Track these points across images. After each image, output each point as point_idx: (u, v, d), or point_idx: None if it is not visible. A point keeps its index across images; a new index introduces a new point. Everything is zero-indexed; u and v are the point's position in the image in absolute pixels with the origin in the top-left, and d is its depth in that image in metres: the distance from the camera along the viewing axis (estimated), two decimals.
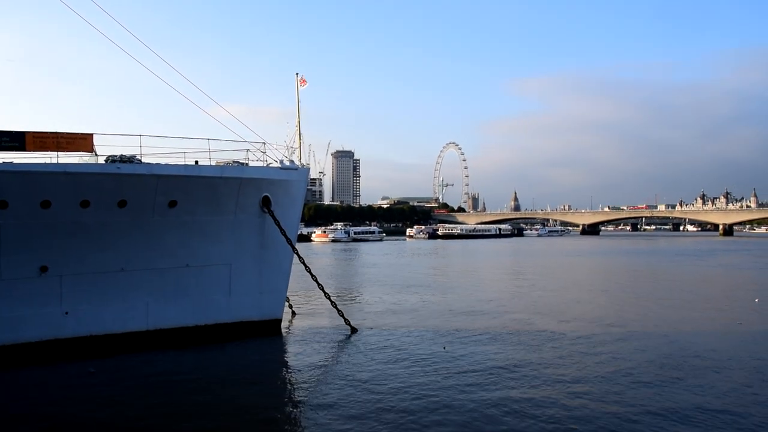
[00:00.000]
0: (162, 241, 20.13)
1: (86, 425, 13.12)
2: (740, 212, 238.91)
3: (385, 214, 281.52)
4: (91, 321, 19.41)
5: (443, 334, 22.51)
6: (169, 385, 16.08)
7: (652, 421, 12.79)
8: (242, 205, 21.41)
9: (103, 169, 18.49)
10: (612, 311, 28.83)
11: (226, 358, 19.32)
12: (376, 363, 18.05)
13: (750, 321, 25.70)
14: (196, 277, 21.19)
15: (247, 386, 16.08)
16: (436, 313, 28.30)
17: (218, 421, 13.20)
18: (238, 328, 22.04)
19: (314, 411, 13.76)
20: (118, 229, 19.14)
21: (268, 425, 13.18)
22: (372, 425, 12.66)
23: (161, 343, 20.22)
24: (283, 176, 22.50)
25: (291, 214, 23.42)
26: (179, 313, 20.96)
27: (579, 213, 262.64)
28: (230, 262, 21.83)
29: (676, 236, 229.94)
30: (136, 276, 20.01)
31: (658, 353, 19.26)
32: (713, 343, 21.07)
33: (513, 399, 14.42)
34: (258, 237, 22.34)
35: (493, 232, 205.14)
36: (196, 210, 20.40)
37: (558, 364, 18.00)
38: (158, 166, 19.41)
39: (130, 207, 18.99)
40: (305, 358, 19.06)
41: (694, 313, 28.44)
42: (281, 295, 23.85)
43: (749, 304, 31.24)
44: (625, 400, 14.33)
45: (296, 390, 15.86)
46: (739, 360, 18.33)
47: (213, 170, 20.64)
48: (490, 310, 29.32)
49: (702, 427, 12.50)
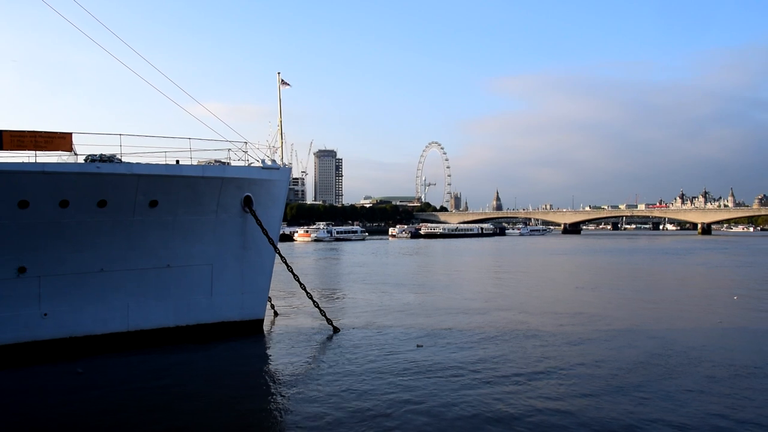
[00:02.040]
0: (143, 242, 19.96)
1: (78, 425, 13.08)
2: (718, 211, 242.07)
3: (367, 213, 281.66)
4: (70, 322, 19.20)
5: (424, 333, 22.56)
6: (155, 385, 15.97)
7: (633, 420, 12.92)
8: (224, 205, 21.31)
9: (83, 169, 18.29)
10: (594, 310, 29.06)
11: (207, 359, 19.19)
12: (357, 362, 18.05)
13: (730, 319, 26.05)
14: (178, 278, 21.05)
15: (228, 386, 15.99)
16: (418, 312, 28.35)
17: (200, 420, 13.16)
18: (220, 328, 21.93)
19: (295, 411, 13.74)
20: (97, 229, 18.95)
21: (248, 425, 13.15)
22: (351, 424, 12.68)
23: (142, 344, 20.07)
24: (265, 176, 22.41)
25: (273, 213, 23.34)
26: (160, 314, 20.81)
27: (560, 212, 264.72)
28: (212, 262, 21.71)
29: (656, 235, 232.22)
30: (116, 277, 19.83)
31: (640, 352, 19.43)
32: (695, 341, 21.28)
33: (487, 396, 14.54)
34: (240, 237, 22.24)
35: (476, 231, 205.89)
36: (177, 210, 20.27)
37: (536, 362, 18.14)
38: (138, 165, 19.24)
39: (110, 207, 18.82)
40: (287, 358, 19.01)
41: (675, 311, 28.73)
42: (263, 295, 23.76)
43: (729, 302, 31.69)
44: (606, 398, 14.47)
45: (277, 390, 15.80)
46: (721, 358, 18.55)
47: (194, 170, 20.51)
48: (472, 308, 29.41)
49: (683, 426, 12.62)
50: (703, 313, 27.81)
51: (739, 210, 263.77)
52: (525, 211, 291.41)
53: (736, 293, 35.19)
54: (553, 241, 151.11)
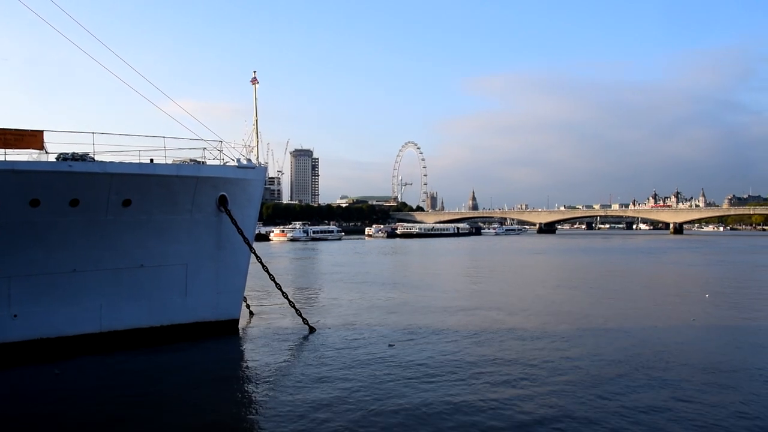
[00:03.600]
0: (116, 241, 19.71)
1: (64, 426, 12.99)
2: (689, 211, 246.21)
3: (344, 213, 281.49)
4: (41, 324, 18.87)
5: (398, 333, 22.61)
6: (129, 386, 15.77)
7: (606, 418, 13.06)
8: (198, 205, 21.14)
9: (54, 167, 18.00)
10: (569, 308, 29.35)
11: (182, 359, 19.02)
12: (332, 362, 18.02)
13: (703, 317, 26.48)
14: (152, 278, 20.83)
15: (202, 387, 15.89)
16: (394, 311, 28.38)
17: (174, 421, 13.07)
18: (195, 328, 21.75)
19: (269, 411, 13.69)
20: (70, 228, 18.67)
21: (222, 426, 13.07)
22: (325, 424, 12.68)
23: (115, 345, 19.82)
24: (241, 175, 22.28)
25: (248, 213, 23.22)
26: (134, 315, 20.57)
27: (536, 212, 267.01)
28: (186, 262, 21.53)
29: (630, 235, 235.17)
30: (88, 277, 19.54)
31: (618, 350, 19.58)
32: (671, 339, 21.56)
33: (458, 395, 14.63)
34: (215, 237, 22.08)
35: (452, 231, 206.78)
36: (151, 209, 20.06)
37: (508, 361, 18.25)
38: (112, 164, 18.99)
39: (83, 206, 18.55)
40: (262, 358, 18.93)
41: (650, 309, 29.06)
42: (238, 295, 23.63)
43: (701, 300, 32.24)
44: (583, 394, 14.61)
45: (252, 390, 15.72)
46: (699, 356, 18.83)
47: (168, 169, 20.32)
48: (448, 307, 29.52)
49: (657, 425, 12.79)
50: (677, 312, 28.20)
51: (710, 210, 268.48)
52: (501, 210, 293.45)
53: (708, 291, 35.80)
54: (529, 241, 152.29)
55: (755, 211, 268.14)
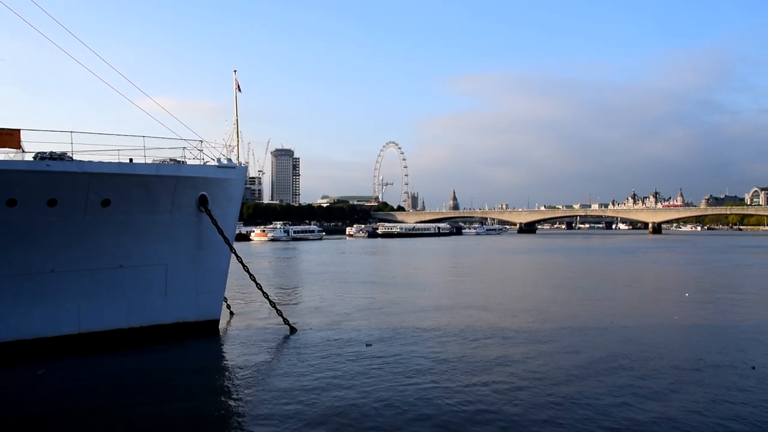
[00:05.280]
0: (95, 241, 19.54)
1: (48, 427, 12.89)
2: (668, 211, 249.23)
3: (324, 213, 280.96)
4: (18, 325, 18.61)
5: (377, 332, 22.67)
6: (108, 387, 15.70)
7: (587, 416, 13.20)
8: (178, 204, 21.02)
9: (32, 167, 17.79)
10: (552, 308, 29.54)
11: (162, 360, 18.88)
12: (312, 362, 18.02)
13: (685, 316, 26.81)
14: (131, 278, 20.67)
15: (182, 388, 15.79)
16: (374, 310, 28.45)
17: (154, 423, 13.01)
18: (175, 329, 21.62)
19: (249, 411, 13.68)
20: (47, 228, 18.48)
21: (202, 426, 13.04)
22: (305, 424, 12.69)
23: (94, 346, 19.63)
24: (221, 175, 22.19)
25: (229, 213, 23.14)
26: (113, 315, 20.40)
27: (516, 212, 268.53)
28: (166, 262, 21.39)
29: (609, 234, 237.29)
30: (67, 277, 19.34)
31: (603, 349, 19.65)
32: (657, 337, 21.78)
33: (431, 392, 14.76)
34: (195, 236, 21.97)
35: (432, 230, 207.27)
36: (130, 209, 19.91)
37: (487, 360, 18.37)
38: (90, 163, 18.82)
39: (61, 206, 18.37)
40: (242, 359, 18.87)
41: (632, 308, 29.31)
42: (219, 295, 23.54)
43: (681, 299, 32.69)
44: (559, 394, 14.75)
45: (232, 390, 15.68)
46: (686, 354, 19.01)
47: (148, 168, 20.19)
48: (428, 306, 29.63)
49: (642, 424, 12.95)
50: (659, 310, 28.50)
51: (688, 210, 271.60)
52: (481, 210, 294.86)
53: (687, 290, 36.33)
54: (509, 241, 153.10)
55: (732, 211, 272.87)
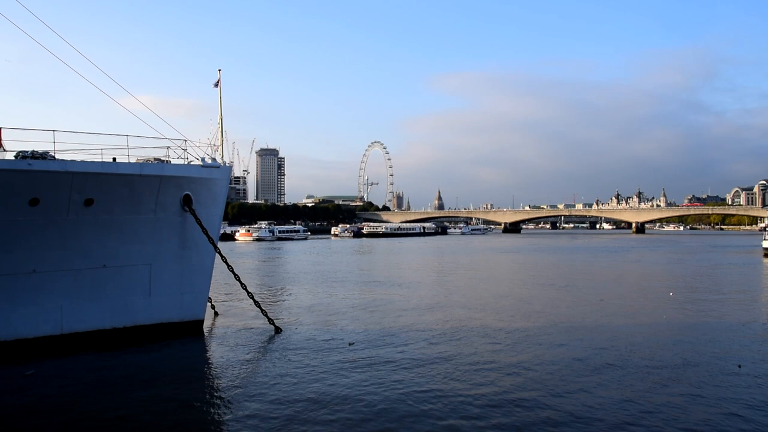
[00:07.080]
0: (78, 241, 19.38)
1: None
2: (651, 211, 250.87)
3: (310, 212, 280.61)
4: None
5: (361, 331, 22.71)
6: (91, 390, 15.58)
7: (572, 413, 13.29)
8: (162, 204, 20.90)
9: (13, 166, 17.61)
10: (538, 307, 29.71)
11: (146, 361, 18.75)
12: (297, 362, 18.03)
13: (672, 315, 27.05)
14: (114, 278, 20.53)
15: (166, 389, 15.67)
16: (359, 310, 28.47)
17: (139, 423, 12.93)
18: (159, 329, 21.51)
19: (233, 411, 13.65)
20: (29, 228, 18.31)
21: (186, 427, 12.97)
22: (289, 423, 12.71)
23: (77, 347, 19.47)
24: (205, 174, 22.09)
25: (213, 212, 23.03)
26: (96, 316, 20.25)
27: (501, 212, 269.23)
28: (150, 262, 21.26)
29: (594, 234, 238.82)
30: (49, 277, 19.16)
31: (592, 348, 19.74)
32: (642, 335, 22.01)
33: (410, 389, 14.87)
34: (179, 236, 21.85)
35: (418, 230, 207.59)
36: (113, 209, 19.77)
37: (470, 359, 18.45)
38: (73, 162, 18.65)
39: (43, 205, 18.19)
40: (226, 359, 18.81)
41: (619, 308, 29.52)
42: (203, 295, 23.41)
43: (666, 298, 32.99)
44: (558, 393, 14.82)
45: (216, 390, 15.62)
46: (680, 353, 19.14)
47: (131, 167, 20.05)
48: (413, 306, 29.69)
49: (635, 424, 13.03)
50: (647, 310, 28.76)
51: (671, 210, 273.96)
52: (466, 210, 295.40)
53: (672, 289, 36.69)
54: (494, 240, 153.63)
55: (713, 211, 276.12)
